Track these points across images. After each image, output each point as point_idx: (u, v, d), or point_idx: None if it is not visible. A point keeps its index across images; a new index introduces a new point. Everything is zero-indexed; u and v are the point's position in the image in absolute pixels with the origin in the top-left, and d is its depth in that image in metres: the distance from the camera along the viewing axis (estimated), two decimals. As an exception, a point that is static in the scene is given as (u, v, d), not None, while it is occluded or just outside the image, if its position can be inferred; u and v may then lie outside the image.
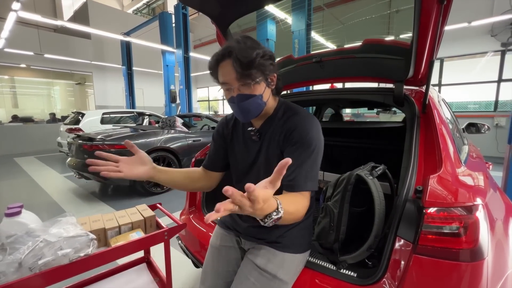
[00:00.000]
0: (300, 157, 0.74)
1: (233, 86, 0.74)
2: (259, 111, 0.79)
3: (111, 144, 3.23)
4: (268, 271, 0.80)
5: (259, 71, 0.73)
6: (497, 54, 5.66)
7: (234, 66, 0.70)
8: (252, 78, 0.72)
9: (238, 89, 0.74)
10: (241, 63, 0.70)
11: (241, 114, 0.79)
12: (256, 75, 0.73)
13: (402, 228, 0.79)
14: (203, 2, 1.28)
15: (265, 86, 0.77)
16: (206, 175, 0.98)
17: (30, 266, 0.73)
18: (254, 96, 0.75)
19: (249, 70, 0.70)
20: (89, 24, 9.34)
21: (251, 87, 0.74)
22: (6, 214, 0.83)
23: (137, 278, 1.17)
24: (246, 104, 0.76)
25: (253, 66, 0.71)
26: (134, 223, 1.02)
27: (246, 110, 0.77)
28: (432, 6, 0.87)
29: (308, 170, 0.74)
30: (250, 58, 0.70)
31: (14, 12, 4.11)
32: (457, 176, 0.85)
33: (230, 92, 0.76)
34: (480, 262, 0.70)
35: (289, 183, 0.73)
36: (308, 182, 0.73)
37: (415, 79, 1.17)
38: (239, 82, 0.73)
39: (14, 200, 3.44)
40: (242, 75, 0.71)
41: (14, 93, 9.96)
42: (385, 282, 0.77)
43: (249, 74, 0.71)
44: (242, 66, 0.70)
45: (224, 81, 0.75)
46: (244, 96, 0.74)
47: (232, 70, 0.71)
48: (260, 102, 0.77)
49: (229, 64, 0.71)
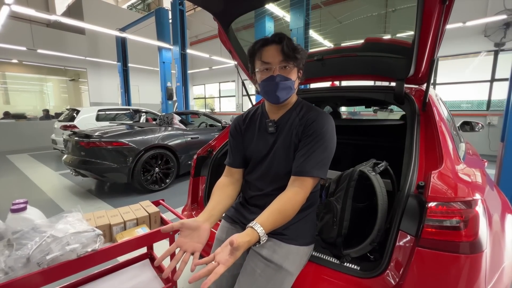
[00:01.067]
0: (311, 147, 0.82)
1: (274, 66, 0.84)
2: (289, 95, 0.88)
3: (108, 141, 3.20)
4: (274, 262, 0.82)
5: (297, 61, 0.85)
6: (490, 54, 5.76)
7: (282, 49, 0.82)
8: (294, 62, 0.84)
9: (278, 70, 0.84)
10: (288, 48, 0.81)
11: (276, 92, 0.85)
12: (296, 63, 0.85)
13: (404, 223, 0.81)
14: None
15: (296, 76, 0.88)
16: (232, 177, 0.99)
17: (38, 261, 0.74)
18: (290, 79, 0.85)
19: (294, 54, 0.83)
20: (83, 19, 9.16)
21: (290, 70, 0.84)
22: (12, 210, 0.83)
23: (140, 273, 1.18)
24: (283, 84, 0.84)
25: (296, 53, 0.83)
26: (139, 219, 1.02)
27: (280, 89, 0.85)
28: (435, 6, 0.89)
29: (317, 158, 0.81)
30: (296, 47, 0.83)
31: (7, 6, 4.01)
32: (457, 172, 0.88)
33: (269, 72, 0.85)
34: (479, 255, 0.72)
35: (297, 169, 0.82)
36: (315, 169, 0.80)
37: (415, 78, 1.20)
38: (280, 64, 0.83)
39: (9, 198, 3.39)
40: (287, 57, 0.82)
41: (5, 89, 9.74)
42: (388, 274, 0.80)
43: (293, 57, 0.83)
44: (289, 50, 0.81)
45: (267, 61, 0.84)
46: (284, 77, 0.84)
47: (278, 53, 0.82)
48: (292, 86, 0.87)
49: (275, 48, 0.83)
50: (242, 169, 1.01)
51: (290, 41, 0.83)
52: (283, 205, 0.77)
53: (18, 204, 0.85)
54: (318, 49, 1.56)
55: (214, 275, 0.56)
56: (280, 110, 0.94)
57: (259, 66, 0.87)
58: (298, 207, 0.79)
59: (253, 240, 0.66)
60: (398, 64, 1.19)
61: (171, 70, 6.93)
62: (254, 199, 0.96)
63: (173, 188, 3.69)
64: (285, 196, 0.79)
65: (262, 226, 0.69)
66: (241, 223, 0.96)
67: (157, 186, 3.54)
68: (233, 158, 1.01)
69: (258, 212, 0.91)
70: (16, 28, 7.69)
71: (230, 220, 1.00)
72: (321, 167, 0.81)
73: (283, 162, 0.88)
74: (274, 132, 0.92)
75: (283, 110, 0.94)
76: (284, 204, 0.77)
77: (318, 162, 0.81)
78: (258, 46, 0.86)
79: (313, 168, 0.80)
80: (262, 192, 0.92)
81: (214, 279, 0.56)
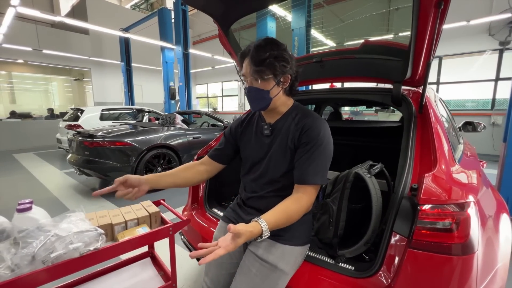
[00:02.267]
0: (311, 155, 0.84)
1: (248, 78, 0.88)
2: (264, 104, 0.89)
3: (111, 141, 3.25)
4: (269, 262, 0.84)
5: (269, 70, 0.83)
6: (495, 53, 5.70)
7: (250, 62, 0.84)
8: (260, 75, 0.84)
9: (251, 82, 0.87)
10: (254, 61, 0.83)
11: (249, 103, 0.91)
12: (265, 73, 0.83)
13: (397, 224, 0.82)
14: (206, 2, 1.30)
15: (274, 84, 0.87)
16: (204, 164, 1.07)
17: (43, 259, 0.77)
18: (261, 90, 0.86)
19: (259, 67, 0.82)
20: (87, 19, 9.24)
21: (259, 82, 0.85)
22: (18, 210, 0.86)
23: (142, 272, 1.21)
24: (252, 95, 0.88)
25: (263, 64, 0.82)
26: (140, 218, 1.05)
27: (252, 100, 0.90)
28: (430, 10, 0.90)
29: (317, 166, 0.83)
30: (261, 58, 0.82)
31: (13, 7, 4.08)
32: (451, 174, 0.89)
33: (247, 83, 0.90)
34: (470, 256, 0.74)
35: (299, 178, 0.84)
36: (316, 177, 0.82)
37: (412, 80, 1.20)
38: (251, 76, 0.86)
39: (16, 196, 3.46)
40: (254, 71, 0.84)
41: (11, 88, 9.88)
42: (381, 275, 0.82)
43: (258, 70, 0.83)
44: (254, 63, 0.83)
45: (243, 73, 0.90)
46: (252, 88, 0.87)
47: (248, 65, 0.85)
48: (265, 96, 0.87)
49: (248, 60, 0.86)
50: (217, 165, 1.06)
51: (258, 51, 0.82)
52: (288, 207, 0.79)
53: (23, 204, 0.88)
54: (317, 51, 1.57)
55: (213, 255, 0.61)
56: (274, 114, 0.95)
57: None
58: (302, 211, 0.81)
59: (255, 231, 0.69)
60: (395, 67, 1.20)
61: (173, 70, 6.97)
62: (250, 201, 0.98)
63: (175, 188, 3.73)
64: (289, 199, 0.82)
65: (266, 221, 0.72)
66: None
67: (160, 185, 3.58)
68: (214, 153, 1.07)
69: (254, 213, 0.94)
70: (22, 28, 7.80)
71: (227, 220, 1.03)
72: (321, 173, 0.84)
73: (279, 165, 0.91)
74: (269, 135, 0.95)
75: (278, 114, 0.95)
76: (288, 206, 0.79)
77: (318, 169, 0.83)
78: (239, 58, 0.91)
79: (314, 176, 0.82)
80: (258, 194, 0.95)
81: (212, 258, 0.60)
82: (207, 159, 1.08)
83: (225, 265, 0.93)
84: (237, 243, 0.65)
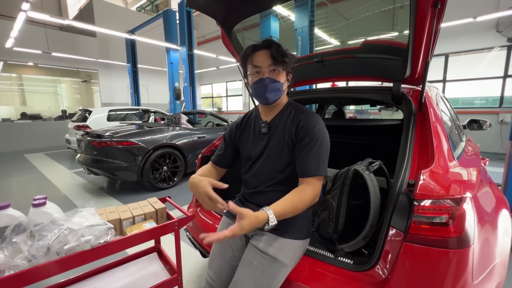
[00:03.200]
0: (308, 148, 0.88)
1: (263, 69, 0.90)
2: (278, 97, 0.94)
3: (119, 141, 3.33)
4: (269, 254, 0.88)
5: (285, 65, 0.92)
6: (504, 49, 5.59)
7: (271, 54, 0.89)
8: (282, 66, 0.91)
9: (267, 73, 0.91)
10: (277, 53, 0.89)
11: (265, 94, 0.92)
12: (284, 67, 0.92)
13: (395, 219, 0.85)
14: (209, 5, 1.34)
15: (285, 79, 0.94)
16: (214, 169, 1.11)
17: (57, 251, 0.82)
18: (278, 82, 0.92)
19: (282, 58, 0.90)
20: (94, 22, 9.43)
21: (278, 73, 0.91)
22: (33, 205, 0.92)
23: (148, 266, 1.26)
24: (271, 86, 0.91)
25: (285, 57, 0.90)
26: (147, 214, 1.10)
27: (269, 91, 0.91)
28: (427, 9, 0.92)
29: (316, 158, 0.87)
30: (283, 52, 0.90)
31: (24, 12, 4.21)
32: (448, 171, 0.91)
33: (259, 75, 0.92)
34: (465, 250, 0.76)
35: (301, 172, 0.88)
36: (317, 168, 0.87)
37: (412, 79, 1.22)
38: (270, 67, 0.90)
39: (28, 194, 3.58)
40: (275, 61, 0.89)
41: (22, 90, 10.16)
42: (379, 268, 0.84)
43: (282, 61, 0.90)
44: (278, 54, 0.89)
45: (257, 65, 0.91)
46: (272, 79, 0.91)
47: (267, 57, 0.89)
48: (280, 88, 0.93)
49: (264, 53, 0.90)
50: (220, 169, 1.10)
51: (279, 47, 0.90)
52: (293, 197, 0.84)
53: (38, 199, 0.93)
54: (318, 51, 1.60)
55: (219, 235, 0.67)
56: (272, 112, 1.00)
57: (250, 69, 0.94)
58: (308, 201, 0.85)
59: (261, 217, 0.74)
60: (395, 66, 1.22)
61: (179, 71, 7.06)
62: (251, 197, 1.02)
63: (180, 186, 3.80)
64: (294, 191, 0.86)
65: (271, 209, 0.76)
66: None
67: (165, 184, 3.65)
68: (217, 158, 1.10)
69: (255, 208, 0.97)
70: (31, 32, 8.00)
71: (231, 216, 1.06)
72: (322, 165, 0.88)
73: (276, 161, 0.94)
74: (266, 132, 0.99)
75: (275, 112, 0.99)
76: (293, 196, 0.84)
77: (318, 160, 0.87)
78: (249, 51, 0.93)
79: (315, 168, 0.87)
80: (257, 189, 0.98)
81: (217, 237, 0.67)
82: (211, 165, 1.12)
83: (227, 258, 0.97)
84: (241, 225, 0.70)
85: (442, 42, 6.13)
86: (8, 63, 8.58)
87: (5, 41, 6.72)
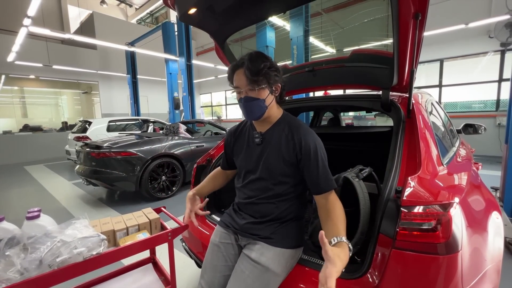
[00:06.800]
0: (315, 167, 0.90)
1: (242, 89, 0.91)
2: (261, 113, 0.94)
3: (117, 151, 3.35)
4: (261, 264, 0.88)
5: (265, 79, 0.90)
6: (498, 54, 5.68)
7: (245, 74, 0.88)
8: (258, 84, 0.89)
9: (246, 92, 0.91)
10: (250, 71, 0.87)
11: (246, 113, 0.95)
12: (262, 82, 0.90)
13: (384, 226, 0.86)
14: (201, 19, 1.38)
15: (268, 92, 0.93)
16: (224, 172, 1.22)
17: (49, 263, 0.83)
18: (257, 99, 0.91)
19: (256, 77, 0.88)
20: (95, 35, 9.63)
21: (256, 91, 0.90)
22: (27, 218, 0.93)
23: (143, 277, 1.26)
24: (250, 105, 0.91)
25: (260, 74, 0.88)
26: (141, 225, 1.10)
27: (249, 110, 0.93)
28: (409, 21, 0.95)
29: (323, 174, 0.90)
30: (258, 68, 0.87)
31: (25, 27, 4.31)
32: (435, 176, 0.92)
33: (240, 95, 0.93)
34: (454, 255, 0.76)
35: (317, 190, 0.90)
36: (329, 182, 0.90)
37: (400, 86, 1.25)
38: (247, 87, 0.90)
39: (26, 206, 3.57)
40: (250, 81, 0.88)
41: (23, 103, 10.27)
42: (370, 275, 0.84)
43: (255, 80, 0.88)
44: (251, 74, 0.87)
45: (236, 85, 0.93)
46: (249, 98, 0.91)
47: (243, 76, 0.89)
48: (262, 105, 0.92)
49: (242, 72, 0.90)
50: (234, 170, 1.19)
51: (253, 65, 0.87)
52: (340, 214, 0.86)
53: (32, 212, 0.95)
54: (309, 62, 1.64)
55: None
56: (264, 124, 1.01)
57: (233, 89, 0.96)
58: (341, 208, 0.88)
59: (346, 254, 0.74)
60: (383, 74, 1.25)
61: (177, 81, 7.16)
62: (244, 207, 1.03)
63: (179, 195, 3.79)
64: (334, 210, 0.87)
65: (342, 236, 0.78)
66: (233, 228, 1.03)
67: (164, 194, 3.65)
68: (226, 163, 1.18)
69: (248, 218, 0.99)
70: (33, 46, 8.16)
71: (224, 225, 1.07)
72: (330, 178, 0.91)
73: (270, 173, 0.95)
74: (260, 143, 1.00)
75: (268, 124, 1.01)
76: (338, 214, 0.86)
77: (326, 176, 0.90)
78: (230, 72, 0.95)
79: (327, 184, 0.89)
80: (251, 199, 0.99)
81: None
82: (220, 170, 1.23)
83: (220, 268, 0.97)
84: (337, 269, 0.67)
85: (437, 48, 6.23)
86: (10, 76, 8.71)
87: (7, 55, 6.85)
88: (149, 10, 15.30)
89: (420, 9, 0.92)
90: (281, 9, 1.31)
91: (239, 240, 1.01)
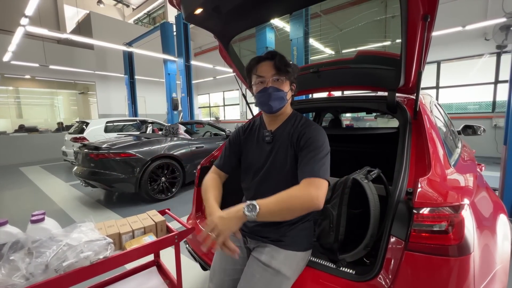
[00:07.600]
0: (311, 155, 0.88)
1: (267, 79, 0.94)
2: (281, 105, 0.97)
3: (116, 152, 3.31)
4: (272, 267, 0.87)
5: (288, 75, 0.96)
6: (493, 56, 5.76)
7: (274, 64, 0.93)
8: (285, 76, 0.94)
9: (271, 82, 0.94)
10: (281, 63, 0.93)
11: (269, 102, 0.94)
12: (287, 76, 0.96)
13: (395, 227, 0.85)
14: (206, 20, 1.37)
15: (288, 88, 0.98)
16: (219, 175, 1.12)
17: (55, 268, 0.80)
18: (282, 90, 0.95)
19: (286, 68, 0.93)
20: (92, 35, 9.55)
21: (281, 82, 0.94)
22: (32, 221, 0.90)
23: (148, 280, 1.24)
24: (275, 95, 0.94)
25: (288, 67, 0.94)
26: (146, 227, 1.09)
27: (272, 99, 0.94)
28: (417, 23, 0.96)
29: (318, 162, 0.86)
30: (287, 62, 0.95)
31: (22, 27, 4.26)
32: (445, 178, 0.92)
33: (263, 84, 0.95)
34: (466, 257, 0.76)
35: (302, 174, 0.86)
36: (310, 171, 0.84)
37: (406, 88, 1.25)
38: (273, 77, 0.94)
39: (23, 209, 3.51)
40: (278, 71, 0.93)
41: (18, 103, 10.13)
42: (381, 277, 0.84)
43: (285, 71, 0.93)
44: (281, 65, 0.92)
45: (261, 75, 0.95)
46: (276, 88, 0.94)
47: (271, 68, 0.94)
48: (284, 97, 0.96)
49: (268, 64, 0.94)
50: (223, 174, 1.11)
51: (282, 58, 0.94)
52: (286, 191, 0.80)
53: (37, 215, 0.92)
54: (314, 62, 1.63)
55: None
56: (276, 121, 1.01)
57: (254, 79, 0.97)
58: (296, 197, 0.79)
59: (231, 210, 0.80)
60: (389, 75, 1.25)
61: (176, 81, 7.12)
62: None
63: (179, 197, 3.76)
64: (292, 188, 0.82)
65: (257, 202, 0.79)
66: (242, 230, 1.01)
67: (164, 195, 3.62)
68: (223, 162, 1.11)
69: None
70: (29, 46, 8.06)
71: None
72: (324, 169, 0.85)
73: (279, 171, 0.95)
74: (270, 141, 1.00)
75: (279, 121, 1.01)
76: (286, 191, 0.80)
77: (320, 165, 0.85)
78: (253, 62, 0.97)
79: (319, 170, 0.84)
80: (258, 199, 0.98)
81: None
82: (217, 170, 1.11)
83: (229, 271, 0.96)
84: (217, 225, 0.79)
85: (434, 50, 6.29)
86: (5, 76, 8.59)
87: (3, 55, 6.76)
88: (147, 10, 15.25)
89: (430, 10, 0.92)
90: (287, 10, 1.30)
91: (248, 242, 1.00)
